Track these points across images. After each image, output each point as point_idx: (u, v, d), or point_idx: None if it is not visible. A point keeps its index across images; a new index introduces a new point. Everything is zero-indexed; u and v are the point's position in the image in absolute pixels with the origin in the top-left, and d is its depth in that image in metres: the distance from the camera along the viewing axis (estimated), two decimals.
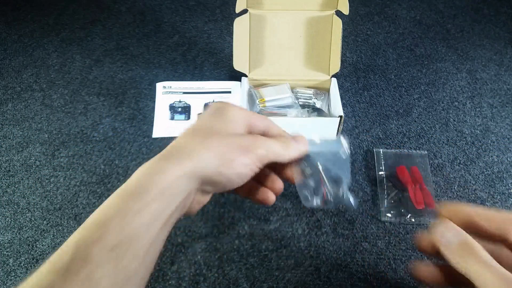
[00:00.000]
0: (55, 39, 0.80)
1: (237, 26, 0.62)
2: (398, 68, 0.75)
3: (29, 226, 0.50)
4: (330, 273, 0.47)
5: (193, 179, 0.28)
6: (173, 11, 0.89)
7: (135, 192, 0.26)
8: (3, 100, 0.67)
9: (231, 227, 0.51)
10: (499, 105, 0.68)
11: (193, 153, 0.28)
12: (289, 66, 0.66)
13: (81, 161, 0.58)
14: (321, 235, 0.50)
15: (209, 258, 0.48)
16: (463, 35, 0.84)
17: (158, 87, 0.69)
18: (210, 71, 0.74)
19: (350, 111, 0.66)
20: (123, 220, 0.24)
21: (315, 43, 0.65)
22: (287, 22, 0.63)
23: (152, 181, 0.26)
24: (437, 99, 0.69)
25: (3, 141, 0.61)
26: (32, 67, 0.74)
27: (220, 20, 0.86)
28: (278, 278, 0.46)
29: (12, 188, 0.54)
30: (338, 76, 0.72)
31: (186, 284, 0.46)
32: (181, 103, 0.67)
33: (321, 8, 0.62)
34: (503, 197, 0.54)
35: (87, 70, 0.73)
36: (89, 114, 0.65)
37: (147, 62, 0.75)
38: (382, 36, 0.83)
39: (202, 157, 0.28)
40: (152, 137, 0.62)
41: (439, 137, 0.62)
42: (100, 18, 0.86)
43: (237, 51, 0.63)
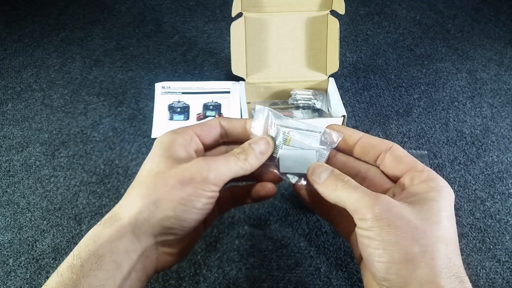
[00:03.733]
0: (55, 39, 0.80)
1: (234, 30, 0.62)
2: (398, 68, 0.75)
3: (29, 226, 0.50)
4: (330, 273, 0.47)
5: (137, 236, 0.26)
6: (173, 11, 0.89)
7: (71, 266, 0.24)
8: (3, 100, 0.67)
9: (231, 227, 0.51)
10: (499, 105, 0.68)
11: (130, 209, 0.26)
12: (286, 68, 0.66)
13: (81, 161, 0.58)
14: (321, 235, 0.50)
15: (209, 258, 0.48)
16: (463, 35, 0.84)
17: (157, 87, 0.69)
18: (210, 71, 0.74)
19: (350, 111, 0.66)
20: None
21: (312, 43, 0.65)
22: (283, 24, 0.63)
23: (88, 252, 0.25)
24: (437, 99, 0.69)
25: (3, 141, 0.61)
26: (32, 67, 0.74)
27: (220, 20, 0.86)
28: (278, 278, 0.46)
29: (12, 188, 0.54)
30: (338, 76, 0.72)
31: (186, 284, 0.46)
32: (180, 103, 0.67)
33: (317, 9, 0.62)
34: (503, 197, 0.54)
35: (87, 70, 0.73)
36: (89, 114, 0.65)
37: (147, 62, 0.75)
38: (382, 36, 0.83)
39: (140, 209, 0.26)
40: (151, 137, 0.62)
41: (439, 137, 0.62)
42: (100, 18, 0.86)
43: (235, 55, 0.63)
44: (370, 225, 0.25)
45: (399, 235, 0.24)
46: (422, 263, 0.24)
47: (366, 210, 0.26)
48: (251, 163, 0.30)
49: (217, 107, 0.66)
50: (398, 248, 0.24)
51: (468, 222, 0.52)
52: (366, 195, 0.26)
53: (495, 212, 0.53)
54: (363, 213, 0.26)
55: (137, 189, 0.28)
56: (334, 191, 0.28)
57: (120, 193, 0.54)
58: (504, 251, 0.49)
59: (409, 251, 0.24)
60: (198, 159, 0.29)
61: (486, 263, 0.47)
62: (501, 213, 0.52)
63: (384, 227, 0.25)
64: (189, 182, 0.27)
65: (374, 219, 0.25)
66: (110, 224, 0.26)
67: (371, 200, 0.26)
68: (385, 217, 0.25)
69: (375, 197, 0.26)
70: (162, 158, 0.28)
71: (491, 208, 0.53)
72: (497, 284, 0.46)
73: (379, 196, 0.26)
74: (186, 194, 0.27)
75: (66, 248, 0.48)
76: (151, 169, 0.28)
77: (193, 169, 0.27)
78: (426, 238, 0.25)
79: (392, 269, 0.24)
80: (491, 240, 0.50)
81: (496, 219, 0.52)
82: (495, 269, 0.47)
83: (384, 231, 0.25)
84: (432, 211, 0.26)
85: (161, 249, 0.28)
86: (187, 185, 0.27)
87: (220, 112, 0.65)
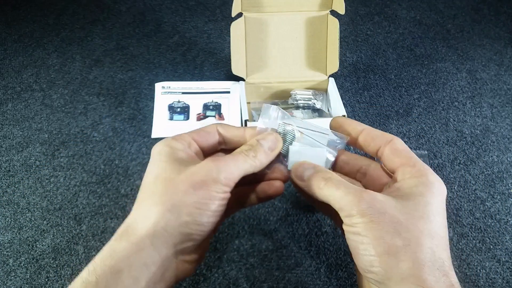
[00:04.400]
0: (55, 39, 0.80)
1: (234, 30, 0.61)
2: (398, 68, 0.75)
3: (29, 226, 0.50)
4: (330, 273, 0.47)
5: (155, 247, 0.26)
6: (173, 11, 0.89)
7: (87, 281, 0.24)
8: (3, 100, 0.67)
9: (231, 227, 0.51)
10: (499, 105, 0.68)
11: (145, 220, 0.26)
12: (286, 68, 0.66)
13: (81, 161, 0.58)
14: (321, 235, 0.50)
15: (209, 258, 0.48)
16: (463, 35, 0.84)
17: (157, 87, 0.69)
18: (210, 71, 0.74)
19: (350, 111, 0.66)
20: None
21: (312, 43, 0.65)
22: (283, 24, 0.63)
23: (105, 267, 0.24)
24: (437, 99, 0.69)
25: (3, 141, 0.61)
26: (32, 67, 0.74)
27: (220, 20, 0.86)
28: (278, 278, 0.46)
29: (12, 188, 0.54)
30: (338, 76, 0.72)
31: (186, 284, 0.46)
32: (180, 103, 0.67)
33: (317, 9, 0.62)
34: (503, 197, 0.54)
35: (87, 70, 0.73)
36: (89, 114, 0.65)
37: (147, 62, 0.75)
38: (382, 36, 0.83)
39: (156, 219, 0.26)
40: (151, 138, 0.62)
41: (439, 137, 0.62)
42: (100, 18, 0.86)
43: (235, 55, 0.63)
44: (355, 222, 0.26)
45: (381, 230, 0.25)
46: (404, 257, 0.24)
47: (349, 208, 0.26)
48: (261, 160, 0.30)
49: (217, 107, 0.66)
50: (381, 242, 0.25)
51: (468, 222, 0.52)
52: (350, 193, 0.27)
53: (495, 212, 0.53)
54: (347, 211, 0.26)
55: (149, 198, 0.27)
56: (319, 189, 0.29)
57: (120, 193, 0.54)
58: (504, 251, 0.49)
59: (391, 244, 0.25)
60: (206, 160, 0.28)
61: (486, 263, 0.47)
62: (501, 213, 0.52)
63: (367, 222, 0.25)
64: (201, 185, 0.27)
65: (358, 216, 0.26)
66: (127, 237, 0.26)
67: (355, 198, 0.26)
68: (368, 214, 0.25)
69: (358, 194, 0.27)
70: (168, 163, 0.28)
71: (491, 208, 0.53)
72: (497, 284, 0.46)
73: (362, 193, 0.27)
74: (200, 198, 0.26)
75: (66, 248, 0.48)
76: (158, 175, 0.28)
77: (203, 172, 0.27)
78: (408, 232, 0.25)
79: (375, 262, 0.25)
80: (491, 240, 0.50)
81: (496, 219, 0.52)
82: (495, 269, 0.47)
83: (368, 226, 0.25)
84: (417, 206, 0.26)
85: (180, 257, 0.28)
86: (199, 188, 0.26)
87: (220, 112, 0.65)
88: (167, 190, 0.27)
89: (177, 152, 0.29)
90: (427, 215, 0.26)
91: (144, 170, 0.29)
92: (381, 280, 0.25)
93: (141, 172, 0.56)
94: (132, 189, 0.54)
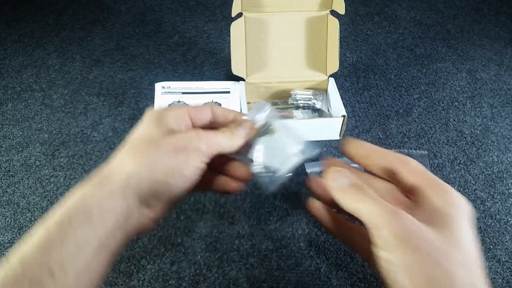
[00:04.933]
0: (55, 39, 0.80)
1: (234, 30, 0.61)
2: (398, 68, 0.75)
3: (29, 226, 0.50)
4: (330, 273, 0.47)
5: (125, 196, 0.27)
6: (173, 11, 0.89)
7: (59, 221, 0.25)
8: (3, 100, 0.67)
9: (231, 227, 0.51)
10: (499, 105, 0.68)
11: (122, 170, 0.28)
12: (286, 68, 0.66)
13: (81, 161, 0.58)
14: (321, 235, 0.50)
15: (209, 258, 0.48)
16: (463, 35, 0.84)
17: (157, 87, 0.69)
18: (210, 71, 0.74)
19: (350, 111, 0.66)
20: (44, 254, 0.24)
21: (312, 43, 0.65)
22: (283, 24, 0.63)
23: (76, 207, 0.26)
24: (437, 99, 0.69)
25: (3, 141, 0.61)
26: (32, 67, 0.74)
27: (220, 20, 0.86)
28: (278, 278, 0.46)
29: (12, 188, 0.54)
30: (338, 76, 0.72)
31: (186, 284, 0.46)
32: (180, 103, 0.67)
33: (317, 9, 0.62)
34: (503, 197, 0.54)
35: (87, 70, 0.73)
36: (89, 114, 0.65)
37: (147, 62, 0.75)
38: (382, 36, 0.83)
39: (132, 170, 0.27)
40: None
41: (439, 137, 0.62)
42: (100, 18, 0.86)
43: (235, 55, 0.63)
44: (389, 245, 0.24)
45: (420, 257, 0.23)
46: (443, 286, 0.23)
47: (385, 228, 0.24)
48: (236, 141, 0.32)
49: None
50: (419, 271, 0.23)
51: None
52: (386, 210, 0.25)
53: (495, 212, 0.53)
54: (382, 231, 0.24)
55: (130, 151, 0.29)
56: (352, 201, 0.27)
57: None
58: (504, 251, 0.49)
59: (430, 274, 0.23)
60: (190, 129, 0.30)
61: (486, 263, 0.47)
62: (501, 213, 0.52)
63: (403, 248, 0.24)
64: (182, 150, 0.28)
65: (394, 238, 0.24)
66: (101, 186, 0.27)
67: (392, 217, 0.24)
68: (406, 238, 0.24)
69: (395, 213, 0.25)
70: (155, 126, 0.30)
71: (491, 208, 0.53)
72: (497, 284, 0.46)
73: (399, 213, 0.25)
74: (178, 161, 0.28)
75: None
76: (144, 133, 0.30)
77: (186, 138, 0.29)
78: (447, 261, 0.23)
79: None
80: (491, 240, 0.50)
81: (496, 219, 0.52)
82: (495, 269, 0.47)
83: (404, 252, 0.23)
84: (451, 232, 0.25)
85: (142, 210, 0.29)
86: (180, 152, 0.28)
87: None
88: (150, 148, 0.28)
89: (167, 120, 0.30)
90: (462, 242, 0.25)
91: None
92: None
93: None
94: None
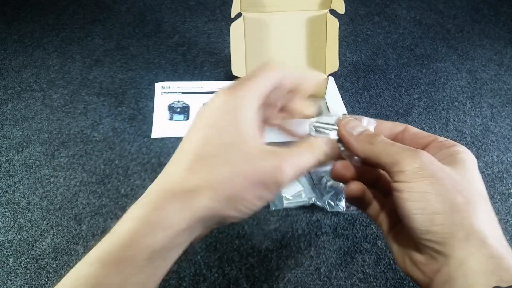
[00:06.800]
0: (55, 39, 0.80)
1: (234, 30, 0.61)
2: (398, 68, 0.75)
3: (29, 226, 0.50)
4: (330, 273, 0.47)
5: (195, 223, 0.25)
6: (173, 11, 0.89)
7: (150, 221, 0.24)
8: (3, 100, 0.67)
9: (231, 227, 0.51)
10: (499, 105, 0.68)
11: (198, 194, 0.24)
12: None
13: (81, 161, 0.58)
14: (321, 235, 0.50)
15: (209, 258, 0.48)
16: (463, 35, 0.84)
17: (157, 87, 0.69)
18: (210, 71, 0.74)
19: (350, 111, 0.66)
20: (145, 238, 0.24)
21: (311, 43, 0.65)
22: (283, 24, 0.63)
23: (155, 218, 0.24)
24: (437, 99, 0.69)
25: (3, 141, 0.61)
26: (32, 67, 0.74)
27: (220, 20, 0.86)
28: (278, 278, 0.46)
29: (12, 188, 0.54)
30: (338, 76, 0.72)
31: (186, 284, 0.46)
32: (180, 103, 0.67)
33: (316, 8, 0.62)
34: (503, 197, 0.54)
35: (87, 70, 0.73)
36: (89, 114, 0.65)
37: (147, 62, 0.75)
38: (382, 36, 0.83)
39: (208, 199, 0.24)
40: (151, 138, 0.62)
41: None
42: (100, 18, 0.86)
43: (235, 56, 0.63)
44: (412, 177, 0.25)
45: (442, 186, 0.24)
46: (467, 214, 0.24)
47: (407, 161, 0.25)
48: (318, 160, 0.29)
49: None
50: (443, 198, 0.24)
51: None
52: (406, 149, 0.26)
53: (495, 212, 0.52)
54: (404, 165, 0.25)
55: (206, 167, 0.25)
56: (369, 145, 0.28)
57: (120, 193, 0.54)
58: None
59: (453, 201, 0.24)
60: (272, 156, 0.26)
61: None
62: (501, 213, 0.52)
63: (427, 177, 0.24)
64: (260, 185, 0.25)
65: (416, 169, 0.25)
66: (184, 206, 0.24)
67: (412, 152, 0.26)
68: (428, 168, 0.25)
69: (415, 151, 0.26)
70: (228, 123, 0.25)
71: None
72: None
73: (418, 150, 0.26)
74: (254, 197, 0.25)
75: (66, 248, 0.48)
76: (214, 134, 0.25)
77: (268, 171, 0.25)
78: (467, 191, 0.25)
79: (438, 219, 0.24)
80: None
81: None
82: None
83: (427, 181, 0.24)
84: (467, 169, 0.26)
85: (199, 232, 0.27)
86: (259, 189, 0.25)
87: None
88: (233, 175, 0.25)
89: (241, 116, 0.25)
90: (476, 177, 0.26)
91: (144, 170, 0.29)
92: (443, 240, 0.24)
93: (141, 172, 0.56)
94: (132, 189, 0.54)
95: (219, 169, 0.25)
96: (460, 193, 0.25)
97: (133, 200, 0.26)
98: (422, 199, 0.25)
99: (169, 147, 0.60)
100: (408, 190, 0.25)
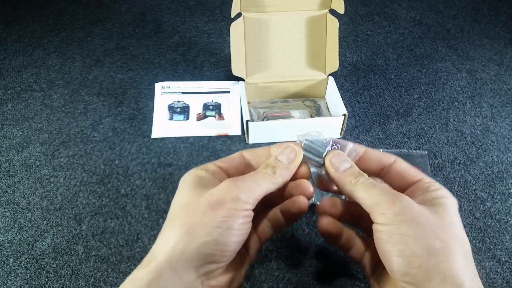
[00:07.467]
0: (55, 39, 0.80)
1: (233, 30, 0.61)
2: (398, 68, 0.75)
3: (29, 226, 0.50)
4: (330, 273, 0.47)
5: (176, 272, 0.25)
6: (173, 11, 0.89)
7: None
8: (3, 100, 0.67)
9: None
10: (499, 105, 0.68)
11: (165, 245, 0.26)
12: (286, 68, 0.66)
13: (81, 161, 0.58)
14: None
15: None
16: (463, 35, 0.84)
17: (156, 87, 0.69)
18: (210, 71, 0.74)
19: (350, 111, 0.66)
20: None
21: (312, 43, 0.65)
22: (283, 24, 0.63)
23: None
24: (437, 99, 0.69)
25: (3, 141, 0.61)
26: (32, 67, 0.74)
27: (220, 20, 0.86)
28: (278, 278, 0.46)
29: (12, 188, 0.54)
30: (338, 76, 0.72)
31: None
32: (180, 103, 0.67)
33: (316, 8, 0.62)
34: (503, 197, 0.54)
35: (87, 70, 0.73)
36: (89, 114, 0.65)
37: (147, 62, 0.75)
38: (382, 36, 0.83)
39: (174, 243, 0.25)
40: (151, 137, 0.62)
41: (439, 137, 0.62)
42: (100, 18, 0.86)
43: (235, 56, 0.63)
44: (392, 219, 0.26)
45: (421, 230, 0.25)
46: (444, 258, 0.24)
47: (387, 205, 0.26)
48: (282, 175, 0.30)
49: (217, 107, 0.66)
50: (421, 242, 0.25)
51: (468, 222, 0.51)
52: (388, 192, 0.27)
53: (495, 212, 0.53)
54: (384, 208, 0.26)
55: (169, 224, 0.27)
56: (352, 185, 0.29)
57: (120, 193, 0.54)
58: (504, 251, 0.49)
59: (431, 245, 0.25)
60: (225, 181, 0.28)
61: (486, 263, 0.47)
62: (501, 213, 0.52)
63: (406, 221, 0.25)
64: (219, 204, 0.26)
65: (396, 213, 0.26)
66: (146, 265, 0.26)
67: (393, 196, 0.27)
68: (407, 212, 0.25)
69: (396, 194, 0.27)
70: (190, 190, 0.28)
71: (491, 208, 0.53)
72: (497, 284, 0.46)
73: (399, 194, 0.27)
74: (219, 217, 0.26)
75: (66, 248, 0.48)
76: (180, 202, 0.28)
77: (221, 191, 0.27)
78: (446, 235, 0.25)
79: (415, 262, 0.25)
80: (491, 240, 0.50)
81: (496, 219, 0.52)
82: (495, 269, 0.47)
83: (406, 224, 0.25)
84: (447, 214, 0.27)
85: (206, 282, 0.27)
86: (218, 208, 0.26)
87: (220, 112, 0.65)
88: (186, 213, 0.27)
89: (201, 179, 0.29)
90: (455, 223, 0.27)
91: (144, 169, 0.29)
92: (420, 283, 0.24)
93: (141, 172, 0.56)
94: (132, 189, 0.54)
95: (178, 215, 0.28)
96: (438, 237, 0.25)
97: (133, 200, 0.26)
98: (401, 242, 0.25)
99: (169, 147, 0.60)
100: (388, 232, 0.26)
